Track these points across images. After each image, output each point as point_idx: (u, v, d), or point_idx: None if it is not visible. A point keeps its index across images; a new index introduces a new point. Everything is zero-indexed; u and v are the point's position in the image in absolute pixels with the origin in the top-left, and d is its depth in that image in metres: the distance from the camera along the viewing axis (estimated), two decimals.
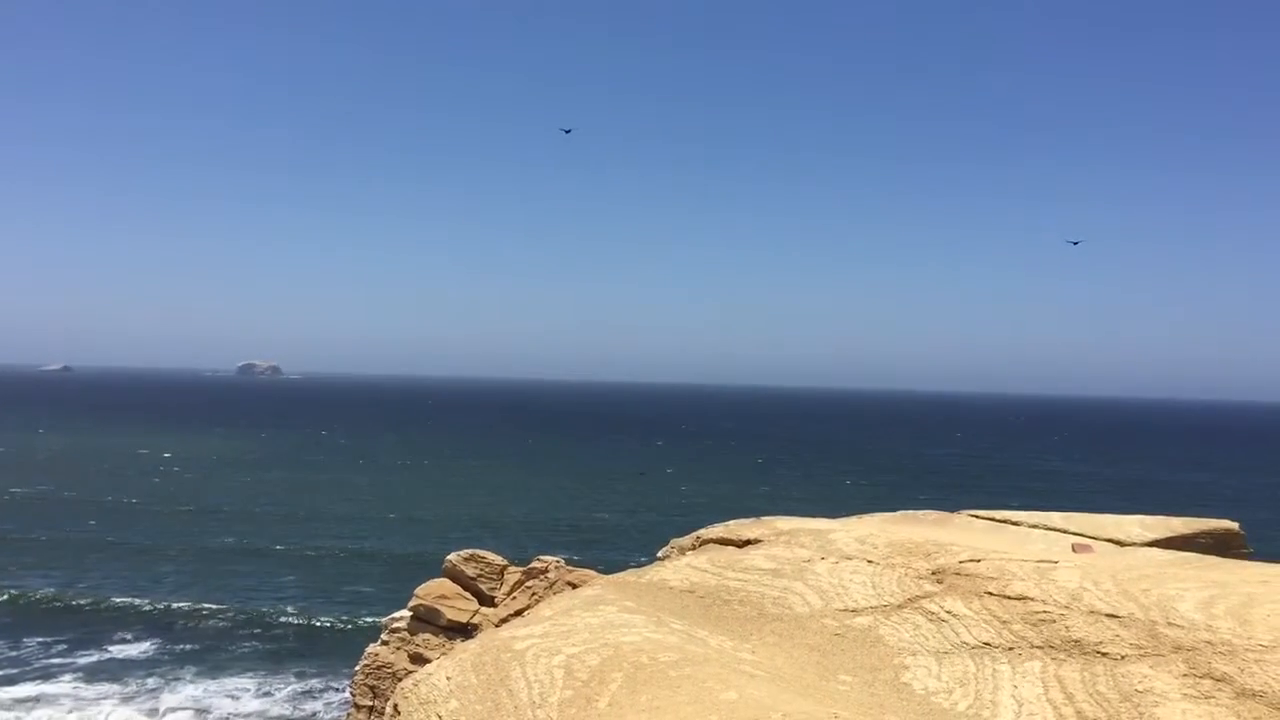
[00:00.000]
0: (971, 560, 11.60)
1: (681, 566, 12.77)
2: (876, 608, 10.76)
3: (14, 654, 51.06)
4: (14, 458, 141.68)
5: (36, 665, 49.60)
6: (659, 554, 16.60)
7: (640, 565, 14.76)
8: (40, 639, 53.19)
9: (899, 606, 10.72)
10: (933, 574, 11.46)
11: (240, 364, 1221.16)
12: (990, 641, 9.64)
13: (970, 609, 10.32)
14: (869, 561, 12.20)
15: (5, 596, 60.26)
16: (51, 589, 62.72)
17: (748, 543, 14.25)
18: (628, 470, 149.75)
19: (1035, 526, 17.20)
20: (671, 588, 11.85)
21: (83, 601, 60.25)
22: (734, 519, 16.84)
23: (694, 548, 15.21)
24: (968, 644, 9.69)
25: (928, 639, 9.93)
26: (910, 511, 18.48)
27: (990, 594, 10.50)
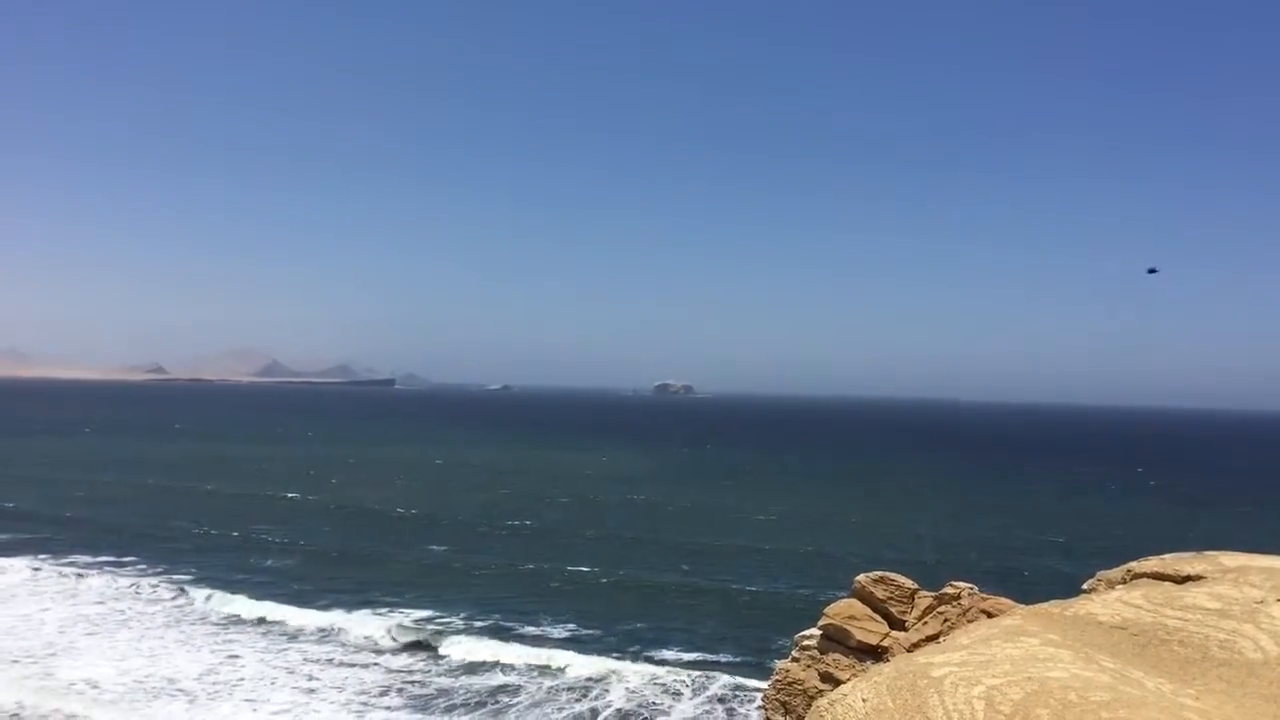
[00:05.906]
0: None
1: (1111, 601, 11.99)
2: None
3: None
4: (452, 472, 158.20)
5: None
6: (1083, 586, 15.69)
7: (1059, 598, 14.00)
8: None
9: None
10: None
11: (656, 384, 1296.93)
12: None
13: None
14: None
15: (455, 623, 65.69)
16: (505, 606, 68.46)
17: (1187, 578, 13.10)
18: (1044, 498, 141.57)
19: None
20: (1100, 623, 11.17)
21: (526, 618, 65.53)
22: (1169, 552, 15.53)
23: (1124, 581, 14.20)
24: None
25: None
26: None
27: None
